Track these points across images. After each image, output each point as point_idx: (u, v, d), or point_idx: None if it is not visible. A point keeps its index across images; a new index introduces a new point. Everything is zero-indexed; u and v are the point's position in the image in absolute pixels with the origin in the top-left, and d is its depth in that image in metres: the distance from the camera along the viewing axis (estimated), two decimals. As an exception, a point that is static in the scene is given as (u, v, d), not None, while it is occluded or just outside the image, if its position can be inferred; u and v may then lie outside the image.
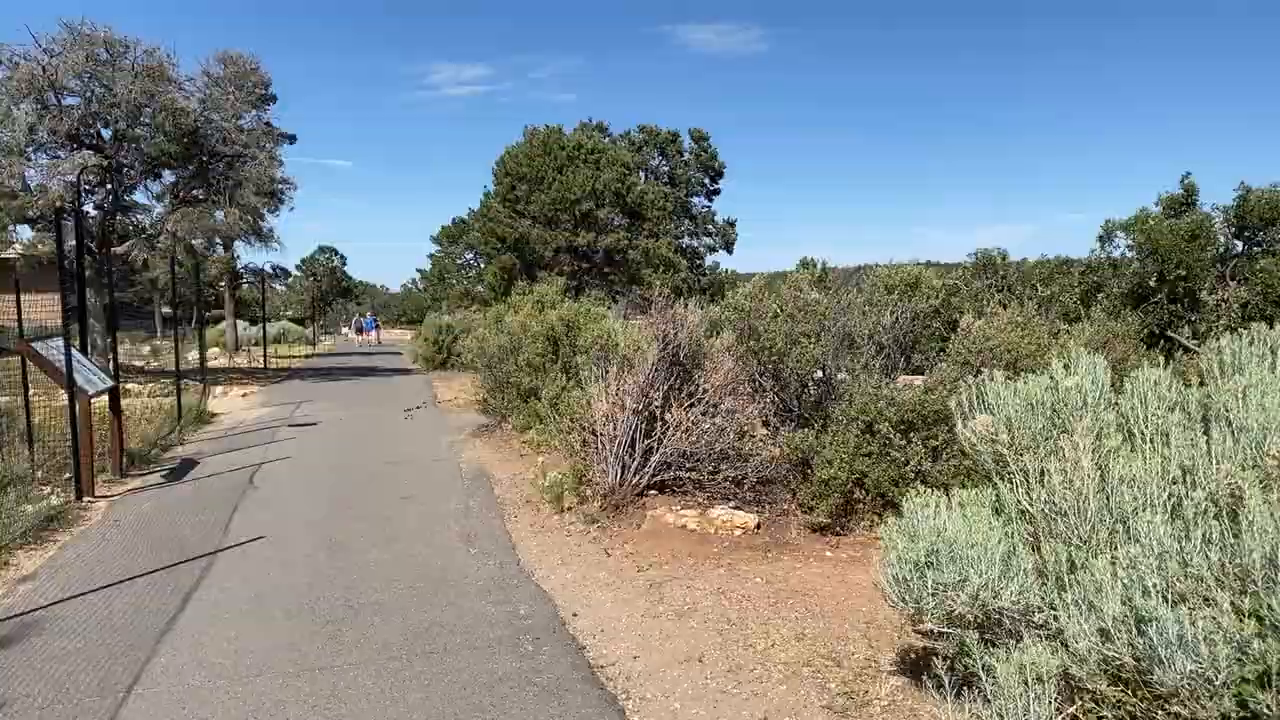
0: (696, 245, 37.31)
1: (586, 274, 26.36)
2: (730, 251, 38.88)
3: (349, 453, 11.62)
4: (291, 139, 33.98)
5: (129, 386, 20.91)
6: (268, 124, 32.68)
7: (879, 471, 6.89)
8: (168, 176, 23.47)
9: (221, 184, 21.71)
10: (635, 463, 7.81)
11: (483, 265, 42.47)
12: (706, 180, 38.34)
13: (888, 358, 8.18)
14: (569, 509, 7.93)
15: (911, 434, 6.96)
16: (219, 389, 21.00)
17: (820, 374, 8.11)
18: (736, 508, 7.53)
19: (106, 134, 21.91)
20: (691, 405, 7.96)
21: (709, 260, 39.50)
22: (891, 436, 6.93)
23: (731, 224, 39.02)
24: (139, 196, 23.81)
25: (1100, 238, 14.21)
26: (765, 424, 8.10)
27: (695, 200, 38.12)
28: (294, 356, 36.06)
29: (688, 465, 7.81)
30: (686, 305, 8.13)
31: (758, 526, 7.16)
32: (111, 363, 22.37)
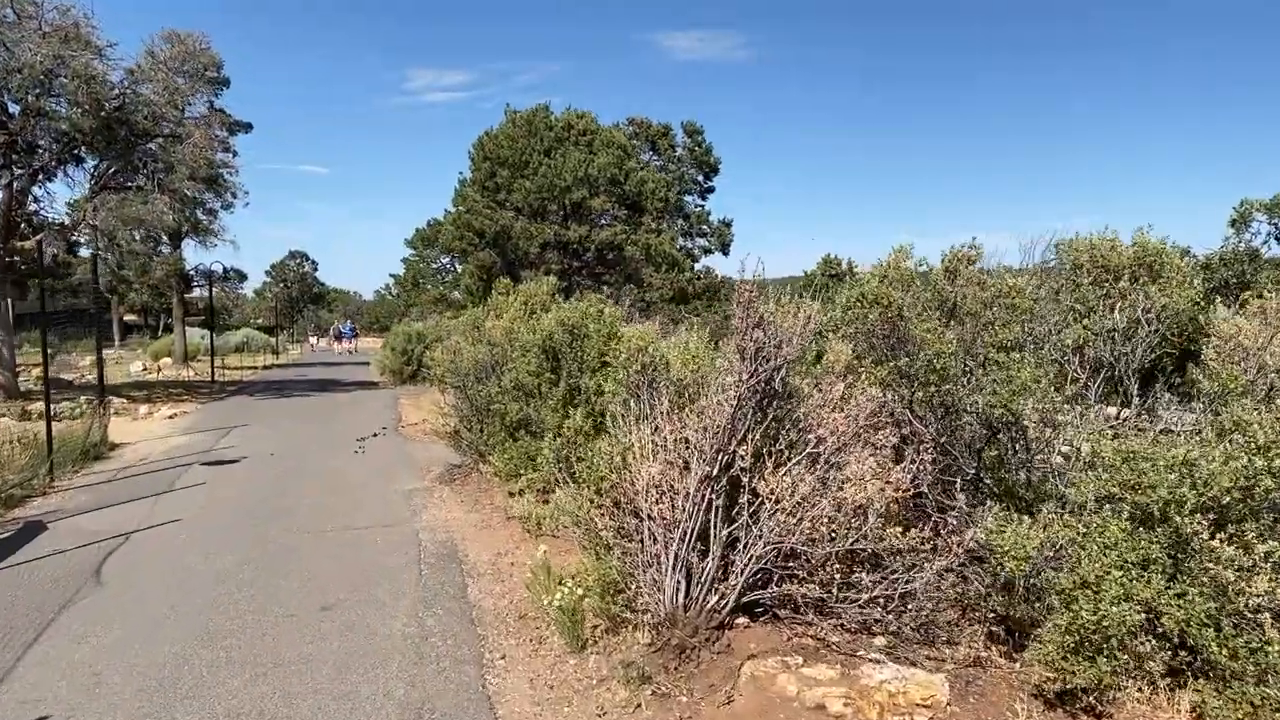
0: (690, 246, 34.01)
1: (577, 273, 22.90)
2: (726, 253, 35.62)
3: (266, 511, 8.19)
4: (247, 127, 30.50)
5: (33, 408, 17.32)
6: (220, 109, 29.28)
7: (1184, 608, 3.66)
8: (91, 161, 19.92)
9: (150, 167, 18.15)
10: (710, 566, 4.51)
11: (458, 268, 39.15)
12: (700, 177, 35.15)
13: (1112, 385, 4.95)
14: (595, 642, 4.63)
15: (1235, 530, 3.74)
16: (143, 408, 17.45)
17: (1003, 412, 4.85)
18: (892, 649, 4.26)
19: (15, 108, 18.35)
20: (796, 465, 4.67)
21: (702, 262, 36.24)
22: (1200, 538, 3.70)
23: (727, 224, 35.74)
24: (60, 185, 20.24)
25: (1233, 222, 11.15)
26: (918, 495, 4.83)
27: (688, 198, 34.89)
28: (251, 368, 32.41)
29: (801, 573, 4.51)
30: (780, 302, 4.85)
31: (948, 702, 3.89)
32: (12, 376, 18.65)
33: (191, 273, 30.23)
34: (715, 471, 4.59)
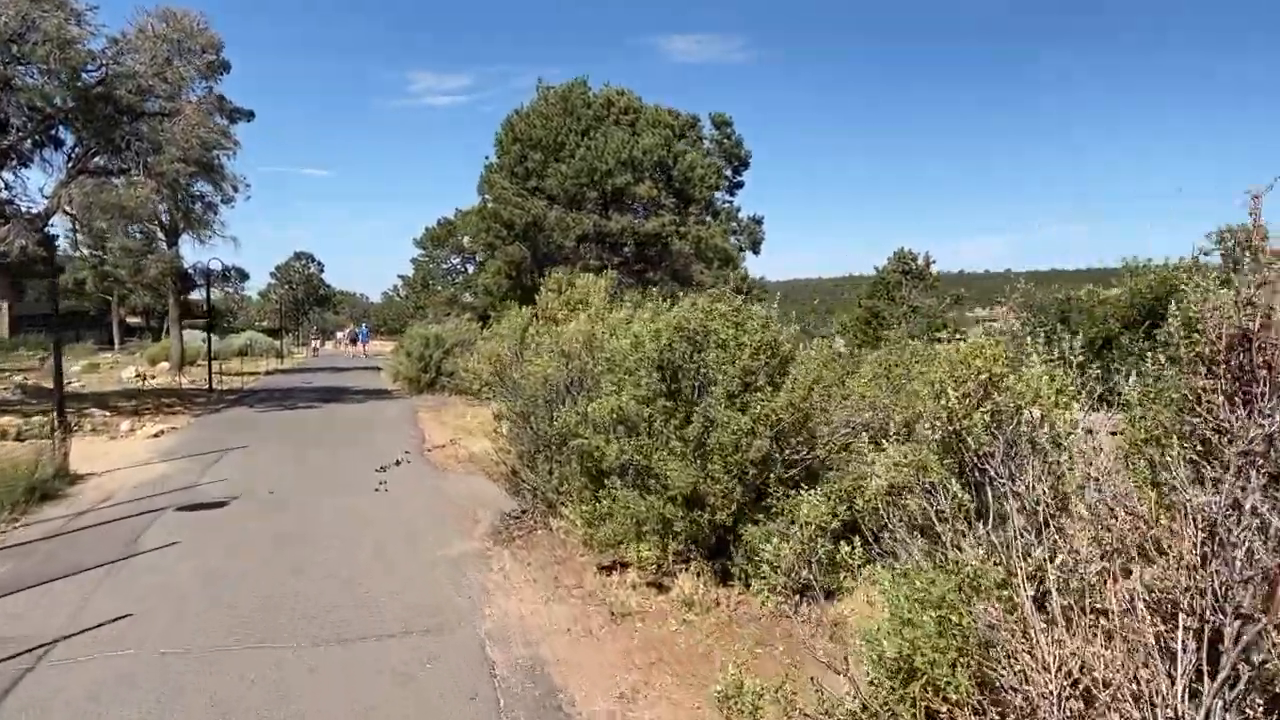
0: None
1: (616, 270, 20.26)
2: (757, 252, 32.85)
3: (255, 597, 5.64)
4: (249, 115, 28.00)
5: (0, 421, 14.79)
6: (220, 95, 26.83)
7: None
8: (70, 141, 17.39)
9: (134, 147, 15.60)
10: None
11: (474, 266, 36.59)
12: (729, 171, 32.60)
13: None
14: None
15: None
16: (125, 424, 14.90)
17: None
18: None
19: (-21, 81, 15.83)
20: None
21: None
22: None
23: (758, 221, 33.07)
24: (37, 173, 17.73)
25: None
26: None
27: (716, 194, 32.31)
28: (253, 374, 29.86)
29: None
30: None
31: None
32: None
33: (189, 271, 27.70)
34: (1230, 663, 2.04)
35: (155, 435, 13.98)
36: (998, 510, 2.44)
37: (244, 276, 33.58)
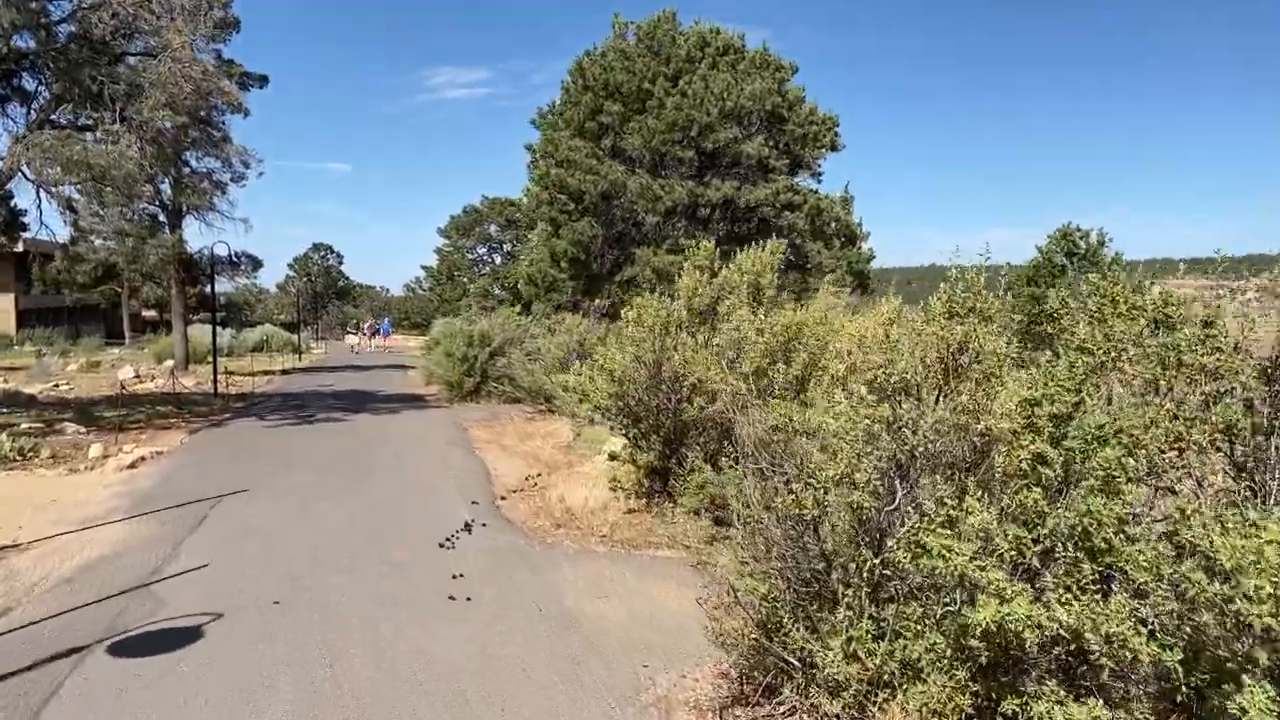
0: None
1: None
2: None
3: None
4: (261, 81, 24.37)
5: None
6: (229, 60, 23.22)
7: None
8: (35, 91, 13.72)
9: (107, 91, 11.91)
10: None
11: (502, 256, 32.82)
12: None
13: None
14: None
15: None
16: (97, 447, 11.23)
17: None
18: None
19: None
20: None
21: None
22: None
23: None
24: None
25: None
26: None
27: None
28: (267, 373, 26.21)
29: None
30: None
31: None
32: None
33: (195, 258, 24.09)
34: None
35: (132, 465, 10.34)
36: None
37: (256, 264, 29.96)
